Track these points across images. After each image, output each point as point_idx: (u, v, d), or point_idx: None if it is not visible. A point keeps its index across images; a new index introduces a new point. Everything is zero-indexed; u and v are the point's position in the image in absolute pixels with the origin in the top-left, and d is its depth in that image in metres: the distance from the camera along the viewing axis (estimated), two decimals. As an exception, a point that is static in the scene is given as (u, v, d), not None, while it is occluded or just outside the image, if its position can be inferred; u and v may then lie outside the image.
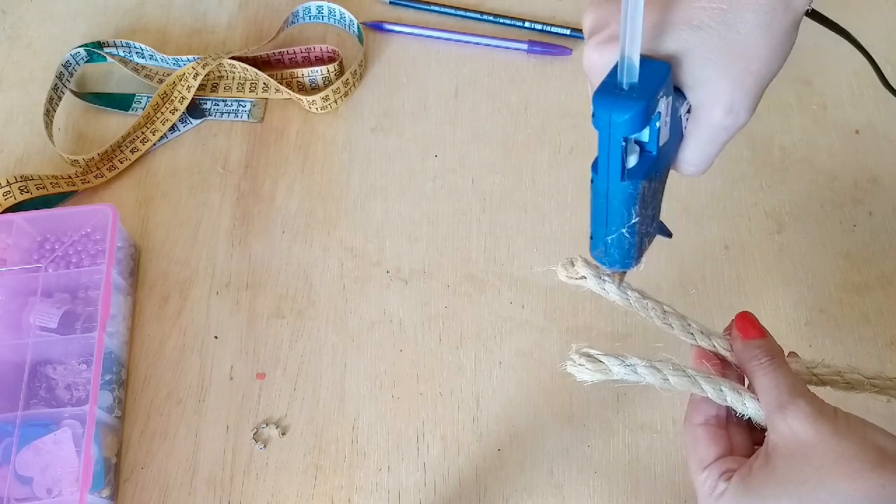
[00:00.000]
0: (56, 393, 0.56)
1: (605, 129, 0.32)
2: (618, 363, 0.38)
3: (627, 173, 0.34)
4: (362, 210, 0.65)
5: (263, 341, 0.60)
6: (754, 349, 0.39)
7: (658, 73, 0.32)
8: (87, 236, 0.61)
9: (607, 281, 0.40)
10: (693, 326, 0.41)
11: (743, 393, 0.38)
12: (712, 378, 0.39)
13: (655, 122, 0.33)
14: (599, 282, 0.40)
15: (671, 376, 0.38)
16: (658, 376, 0.38)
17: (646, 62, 0.32)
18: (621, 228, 0.36)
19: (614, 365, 0.38)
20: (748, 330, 0.39)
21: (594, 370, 0.38)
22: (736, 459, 0.37)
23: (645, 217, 0.36)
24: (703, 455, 0.38)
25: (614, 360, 0.38)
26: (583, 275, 0.40)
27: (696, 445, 0.38)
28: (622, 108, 0.32)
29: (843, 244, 0.61)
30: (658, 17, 0.33)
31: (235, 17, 0.76)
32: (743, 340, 0.39)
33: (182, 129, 0.69)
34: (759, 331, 0.39)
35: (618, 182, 0.34)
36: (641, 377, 0.38)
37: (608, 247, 0.37)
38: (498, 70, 0.71)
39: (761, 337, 0.39)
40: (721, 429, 0.39)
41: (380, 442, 0.56)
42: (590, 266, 0.40)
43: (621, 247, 0.37)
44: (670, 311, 0.41)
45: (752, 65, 0.34)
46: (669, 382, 0.38)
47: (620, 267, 0.38)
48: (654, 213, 0.37)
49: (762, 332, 0.39)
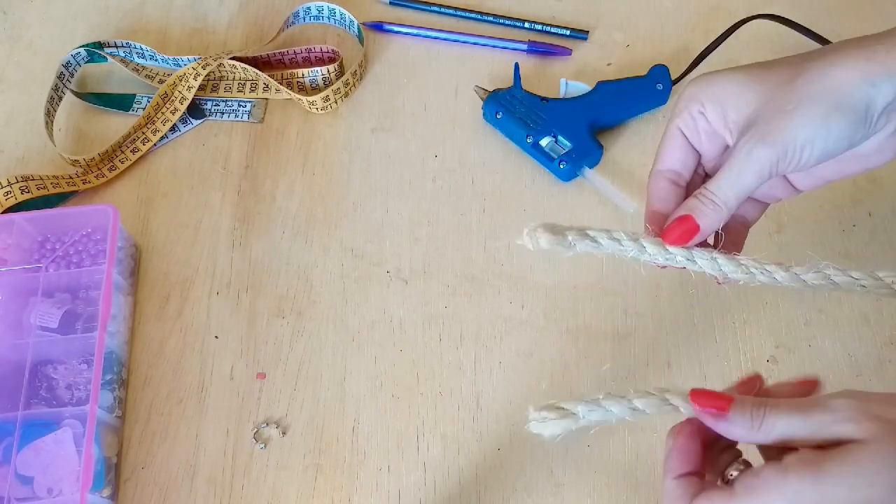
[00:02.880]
0: (57, 393, 0.56)
1: None
2: (580, 404, 0.38)
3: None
4: (362, 210, 0.65)
5: (264, 341, 0.60)
6: (743, 416, 0.36)
7: None
8: (87, 236, 0.61)
9: (571, 238, 0.40)
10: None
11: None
12: (679, 394, 0.38)
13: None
14: (566, 243, 0.40)
15: (636, 399, 0.38)
16: (623, 403, 0.38)
17: None
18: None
19: (578, 407, 0.38)
20: (720, 405, 0.36)
21: (559, 417, 0.38)
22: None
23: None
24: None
25: (575, 403, 0.38)
26: (546, 245, 0.40)
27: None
28: None
29: (842, 244, 0.61)
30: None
31: (236, 17, 0.76)
32: (727, 415, 0.36)
33: (182, 130, 0.69)
34: (726, 398, 0.36)
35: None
36: (609, 411, 0.38)
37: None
38: (498, 70, 0.71)
39: (732, 401, 0.36)
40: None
41: (380, 442, 0.56)
42: (553, 232, 0.40)
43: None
44: (650, 240, 0.41)
45: None
46: (637, 407, 0.38)
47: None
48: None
49: (728, 397, 0.36)
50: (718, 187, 0.40)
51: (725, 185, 0.40)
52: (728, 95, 0.41)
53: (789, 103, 0.39)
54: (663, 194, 0.43)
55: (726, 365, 0.57)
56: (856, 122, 0.38)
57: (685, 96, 0.43)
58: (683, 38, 0.72)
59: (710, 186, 0.40)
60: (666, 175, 0.44)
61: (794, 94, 0.39)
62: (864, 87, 0.38)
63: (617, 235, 0.41)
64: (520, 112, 0.65)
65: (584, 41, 0.72)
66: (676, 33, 0.72)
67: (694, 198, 0.41)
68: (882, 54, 0.38)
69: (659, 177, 0.44)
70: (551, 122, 0.65)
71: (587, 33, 0.72)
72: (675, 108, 0.43)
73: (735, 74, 0.42)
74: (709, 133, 0.43)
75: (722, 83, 0.42)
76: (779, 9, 0.69)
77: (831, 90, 0.38)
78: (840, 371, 0.57)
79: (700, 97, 0.42)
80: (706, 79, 0.42)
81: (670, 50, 0.71)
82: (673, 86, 0.67)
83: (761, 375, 0.39)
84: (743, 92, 0.41)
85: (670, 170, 0.44)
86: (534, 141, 0.64)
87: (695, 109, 0.42)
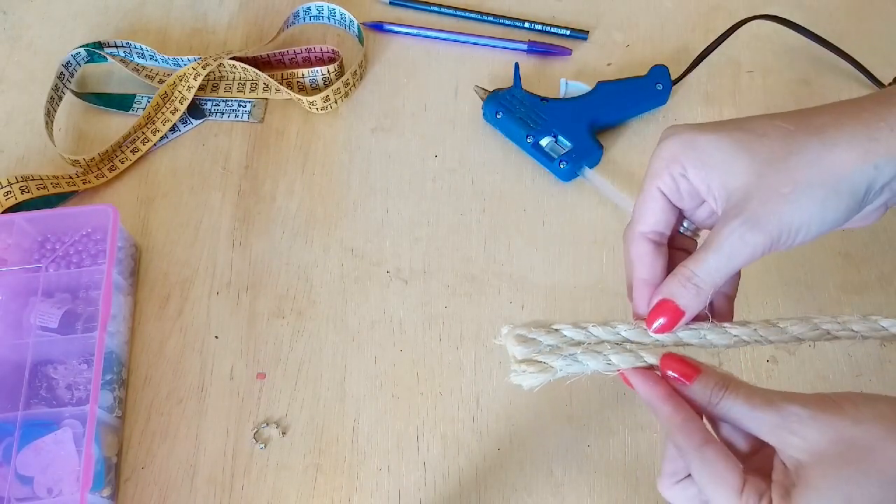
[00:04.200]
0: (57, 393, 0.56)
1: None
2: (559, 358, 0.38)
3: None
4: (362, 210, 0.65)
5: (264, 341, 0.60)
6: (704, 389, 0.37)
7: None
8: (87, 236, 0.61)
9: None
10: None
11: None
12: (653, 354, 0.38)
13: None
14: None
15: (612, 356, 0.38)
16: (599, 359, 0.38)
17: None
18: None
19: (556, 361, 0.38)
20: (686, 373, 0.37)
21: (537, 372, 0.38)
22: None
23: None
24: (731, 480, 0.35)
25: (553, 358, 0.38)
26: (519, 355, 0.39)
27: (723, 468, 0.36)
28: None
29: (842, 244, 0.61)
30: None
31: (236, 17, 0.76)
32: (689, 385, 0.37)
33: (182, 130, 0.69)
34: (694, 368, 0.37)
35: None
36: (585, 365, 0.38)
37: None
38: (498, 70, 0.71)
39: (698, 373, 0.37)
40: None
41: (380, 442, 0.56)
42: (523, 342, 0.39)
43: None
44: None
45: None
46: (613, 363, 0.38)
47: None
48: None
49: (696, 367, 0.37)
50: (706, 270, 0.38)
51: (713, 268, 0.37)
52: (713, 163, 0.38)
53: (785, 186, 0.36)
54: (649, 260, 0.40)
55: (726, 365, 0.57)
56: (854, 204, 0.37)
57: (664, 155, 0.39)
58: (683, 38, 0.72)
59: (695, 268, 0.38)
60: (648, 237, 0.41)
61: (789, 176, 0.36)
62: (866, 170, 0.36)
63: (594, 331, 0.39)
64: (520, 112, 0.65)
65: (584, 41, 0.72)
66: (676, 33, 0.72)
67: (675, 279, 0.38)
68: (885, 133, 0.36)
69: (641, 239, 0.41)
70: (551, 122, 0.65)
71: (587, 33, 0.72)
72: (653, 166, 0.40)
73: (720, 140, 0.38)
74: (691, 193, 0.40)
75: (706, 148, 0.38)
76: (779, 9, 0.69)
77: (831, 174, 0.36)
78: (840, 371, 0.57)
79: (681, 159, 0.38)
80: (687, 139, 0.39)
81: (670, 50, 0.71)
82: (673, 86, 0.67)
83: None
84: (730, 162, 0.37)
85: (653, 231, 0.41)
86: (534, 141, 0.64)
87: (675, 171, 0.39)
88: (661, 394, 0.37)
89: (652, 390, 0.38)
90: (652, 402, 0.38)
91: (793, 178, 0.36)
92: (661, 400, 0.37)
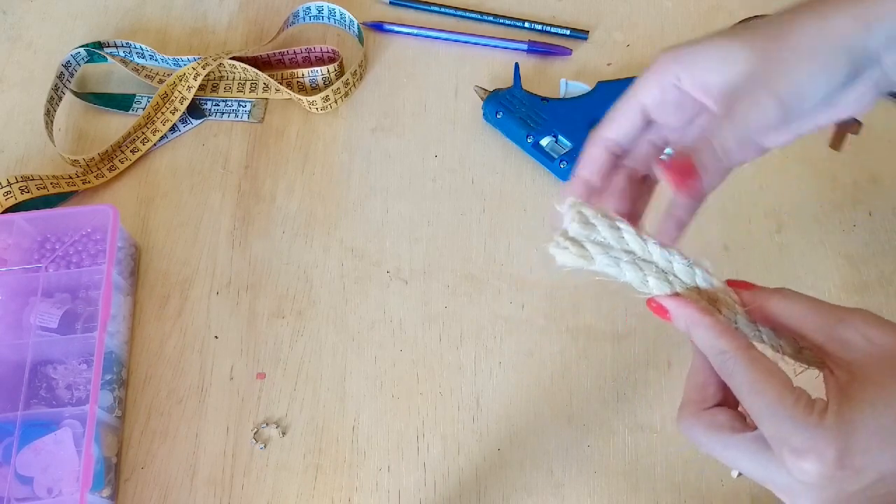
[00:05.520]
0: (56, 393, 0.56)
1: None
2: (602, 254, 0.37)
3: None
4: (362, 210, 0.65)
5: (264, 341, 0.60)
6: (761, 292, 0.37)
7: None
8: (87, 236, 0.61)
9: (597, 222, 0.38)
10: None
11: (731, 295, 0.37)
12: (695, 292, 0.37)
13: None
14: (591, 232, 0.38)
15: (651, 279, 0.37)
16: (639, 275, 0.37)
17: None
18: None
19: (598, 255, 0.37)
20: (746, 285, 0.38)
21: (577, 255, 0.37)
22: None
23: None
24: (781, 376, 0.34)
25: (599, 251, 0.37)
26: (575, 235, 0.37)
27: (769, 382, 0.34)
28: None
29: (842, 244, 0.61)
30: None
31: (236, 17, 0.76)
32: (750, 290, 0.37)
33: (182, 130, 0.69)
34: (750, 283, 0.38)
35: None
36: (623, 273, 0.37)
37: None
38: (498, 70, 0.71)
39: (753, 287, 0.37)
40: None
41: (380, 442, 0.56)
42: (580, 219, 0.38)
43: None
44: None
45: None
46: (648, 285, 0.37)
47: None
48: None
49: (748, 284, 0.38)
50: (722, 135, 0.38)
51: (729, 133, 0.38)
52: (711, 61, 0.39)
53: (788, 54, 0.38)
54: (598, 165, 0.41)
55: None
56: (852, 68, 0.38)
57: (657, 68, 0.40)
58: (683, 38, 0.71)
59: (711, 133, 0.38)
60: (608, 145, 0.42)
61: (789, 46, 0.38)
62: (860, 32, 0.37)
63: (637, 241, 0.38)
64: (520, 112, 0.65)
65: (584, 41, 0.72)
66: (676, 33, 0.72)
67: (693, 143, 0.39)
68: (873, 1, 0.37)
69: (600, 144, 0.42)
70: (551, 121, 0.65)
71: (587, 33, 0.72)
72: (643, 78, 0.41)
73: (718, 39, 0.40)
74: (677, 104, 0.41)
75: (703, 50, 0.40)
76: (778, 9, 0.69)
77: (828, 38, 0.37)
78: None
79: (674, 68, 0.40)
80: (683, 48, 0.40)
81: (670, 50, 0.71)
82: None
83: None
84: (728, 55, 0.39)
85: (614, 140, 0.42)
86: (534, 141, 0.64)
87: (667, 81, 0.40)
88: (699, 309, 0.37)
89: (689, 308, 0.37)
90: (691, 319, 0.37)
91: (792, 47, 0.38)
92: (700, 313, 0.36)
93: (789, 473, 0.32)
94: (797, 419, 0.32)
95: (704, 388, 0.37)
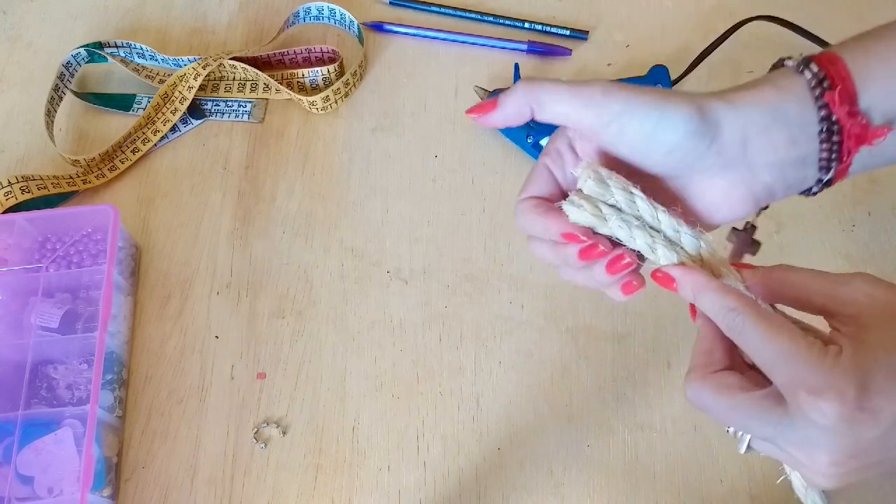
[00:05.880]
0: (57, 392, 0.56)
1: None
2: (615, 216, 0.37)
3: None
4: (362, 210, 0.65)
5: (264, 341, 0.60)
6: (760, 269, 0.36)
7: None
8: (88, 236, 0.61)
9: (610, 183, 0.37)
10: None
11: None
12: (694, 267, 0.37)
13: None
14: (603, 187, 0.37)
15: (659, 247, 0.37)
16: (648, 241, 0.37)
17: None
18: None
19: (611, 215, 0.37)
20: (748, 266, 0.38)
21: (591, 213, 0.37)
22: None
23: None
24: (791, 326, 0.34)
25: (612, 212, 0.37)
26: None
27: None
28: None
29: (842, 244, 0.62)
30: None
31: (236, 17, 0.76)
32: (763, 273, 0.37)
33: (183, 130, 0.69)
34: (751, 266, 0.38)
35: None
36: (632, 237, 0.37)
37: None
38: (498, 70, 0.71)
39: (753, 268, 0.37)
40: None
41: (380, 442, 0.56)
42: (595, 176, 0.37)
43: None
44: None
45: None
46: (657, 253, 0.37)
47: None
48: None
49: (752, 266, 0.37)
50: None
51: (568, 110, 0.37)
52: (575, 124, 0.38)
53: (652, 94, 0.37)
54: (535, 199, 0.40)
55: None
56: (689, 115, 0.36)
57: (558, 131, 0.40)
58: (683, 38, 0.72)
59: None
60: (539, 200, 0.40)
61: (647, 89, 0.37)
62: (692, 99, 0.36)
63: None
64: (520, 112, 0.65)
65: (584, 41, 0.72)
66: (676, 33, 0.72)
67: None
68: (707, 96, 0.37)
69: (531, 200, 0.41)
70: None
71: (587, 33, 0.72)
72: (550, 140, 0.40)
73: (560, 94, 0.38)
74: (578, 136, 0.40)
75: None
76: (779, 9, 0.69)
77: (664, 91, 0.37)
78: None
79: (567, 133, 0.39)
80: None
81: (670, 50, 0.71)
82: (673, 86, 0.67)
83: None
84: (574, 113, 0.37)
85: (539, 195, 0.41)
86: (534, 141, 0.64)
87: (563, 139, 0.39)
88: (705, 273, 0.36)
89: (695, 274, 0.37)
90: (698, 284, 0.36)
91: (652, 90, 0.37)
92: (707, 278, 0.36)
93: (805, 421, 0.31)
94: (812, 361, 0.31)
95: (711, 352, 0.36)
